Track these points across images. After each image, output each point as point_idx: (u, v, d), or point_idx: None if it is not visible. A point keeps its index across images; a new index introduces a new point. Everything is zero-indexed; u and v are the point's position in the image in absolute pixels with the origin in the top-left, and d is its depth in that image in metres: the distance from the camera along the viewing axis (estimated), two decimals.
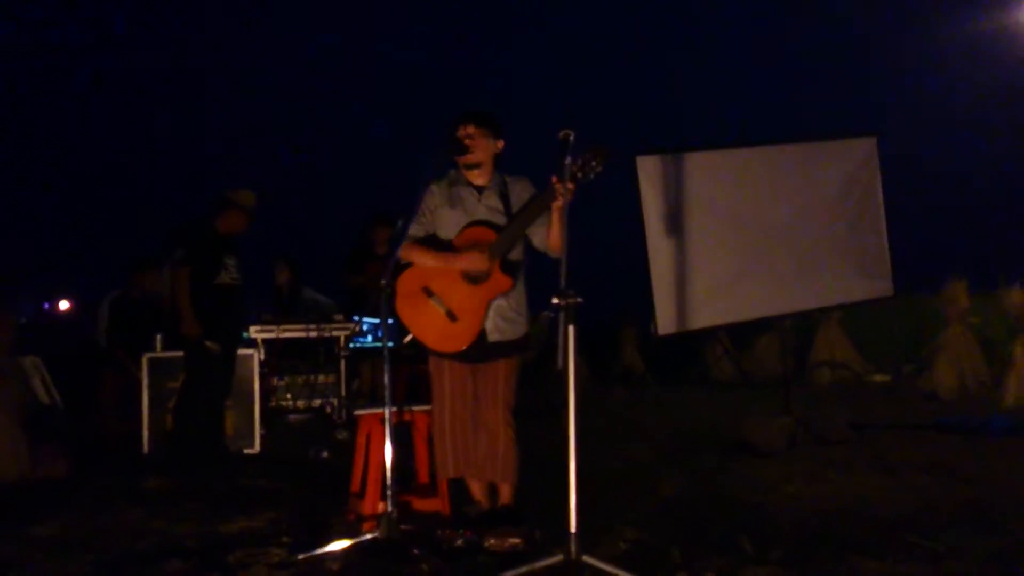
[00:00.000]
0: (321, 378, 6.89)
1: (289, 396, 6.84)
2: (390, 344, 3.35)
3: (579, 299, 2.93)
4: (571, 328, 2.89)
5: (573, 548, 2.76)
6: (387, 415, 3.20)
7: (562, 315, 2.89)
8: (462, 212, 3.48)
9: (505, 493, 3.51)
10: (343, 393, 6.80)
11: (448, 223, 3.49)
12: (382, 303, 3.24)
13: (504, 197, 3.51)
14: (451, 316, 3.40)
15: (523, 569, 2.79)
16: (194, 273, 5.23)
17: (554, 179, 3.16)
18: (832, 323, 9.76)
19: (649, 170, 5.26)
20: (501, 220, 3.47)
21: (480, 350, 3.44)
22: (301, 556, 3.07)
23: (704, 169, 5.42)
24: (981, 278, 8.30)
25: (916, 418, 6.36)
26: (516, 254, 3.50)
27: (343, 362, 6.70)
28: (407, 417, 3.72)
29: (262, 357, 6.18)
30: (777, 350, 8.63)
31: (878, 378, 9.58)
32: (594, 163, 3.22)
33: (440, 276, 3.42)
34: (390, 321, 3.35)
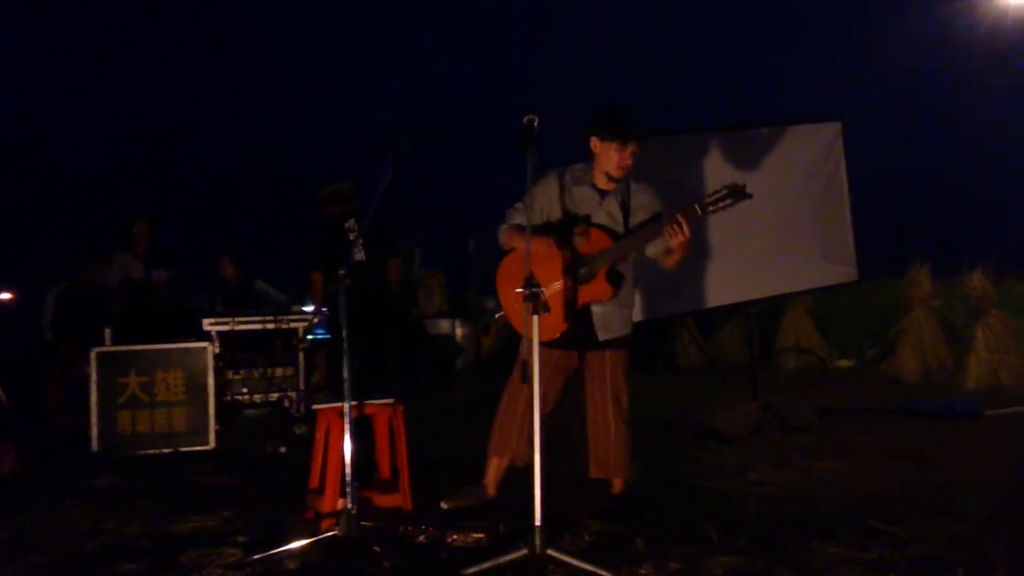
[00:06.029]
0: (279, 371, 6.73)
1: (245, 390, 6.67)
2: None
3: (543, 288, 2.88)
4: (535, 319, 2.85)
5: (538, 542, 2.72)
6: (346, 409, 3.12)
7: (526, 305, 2.84)
8: (580, 213, 3.45)
9: (617, 484, 3.54)
10: (301, 386, 6.67)
11: (563, 220, 3.45)
12: (340, 296, 3.14)
13: (624, 205, 3.48)
14: (544, 307, 3.33)
15: (487, 564, 2.74)
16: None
17: (680, 215, 3.21)
18: (798, 309, 9.84)
19: None
20: (618, 228, 3.44)
21: (579, 339, 3.43)
22: (257, 556, 2.97)
23: (669, 153, 5.38)
24: (944, 263, 8.42)
25: (880, 402, 6.43)
26: (625, 265, 3.47)
27: (301, 354, 6.56)
28: (368, 411, 3.63)
29: (216, 350, 6.03)
30: (743, 336, 8.67)
31: (843, 363, 9.68)
32: (730, 200, 3.21)
33: (542, 265, 3.33)
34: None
